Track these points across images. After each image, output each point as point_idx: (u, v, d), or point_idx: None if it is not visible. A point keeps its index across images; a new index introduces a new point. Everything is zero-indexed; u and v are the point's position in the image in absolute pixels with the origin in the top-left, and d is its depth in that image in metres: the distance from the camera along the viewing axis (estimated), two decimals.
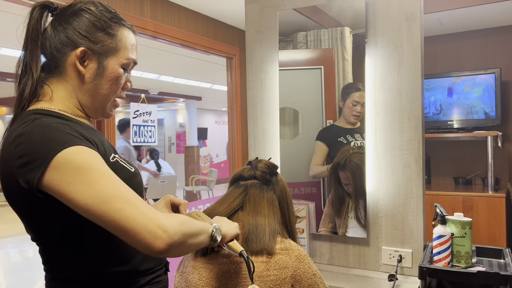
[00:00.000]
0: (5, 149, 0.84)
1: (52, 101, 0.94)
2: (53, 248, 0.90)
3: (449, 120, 3.38)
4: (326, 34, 1.97)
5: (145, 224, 0.76)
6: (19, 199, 0.85)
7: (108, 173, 0.81)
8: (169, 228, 0.78)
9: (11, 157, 0.81)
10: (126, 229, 0.76)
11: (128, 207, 0.77)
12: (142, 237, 0.75)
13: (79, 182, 0.77)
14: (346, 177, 1.90)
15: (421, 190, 1.77)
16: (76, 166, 0.78)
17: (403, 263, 1.79)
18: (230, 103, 3.62)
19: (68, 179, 0.77)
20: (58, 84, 0.96)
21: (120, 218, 0.76)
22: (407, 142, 1.78)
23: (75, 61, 0.94)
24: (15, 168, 0.81)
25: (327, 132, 1.96)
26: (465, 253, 1.57)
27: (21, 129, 0.83)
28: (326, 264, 1.97)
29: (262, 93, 2.14)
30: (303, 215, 1.93)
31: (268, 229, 1.17)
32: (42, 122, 0.84)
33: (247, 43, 2.17)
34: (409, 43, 1.77)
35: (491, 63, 3.40)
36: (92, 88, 0.97)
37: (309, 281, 1.12)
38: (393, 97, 1.81)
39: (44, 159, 0.78)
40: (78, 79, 0.96)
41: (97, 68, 0.96)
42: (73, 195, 0.77)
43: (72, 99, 0.96)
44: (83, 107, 0.98)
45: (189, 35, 2.99)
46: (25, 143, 0.80)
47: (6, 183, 0.84)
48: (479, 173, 3.44)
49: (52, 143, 0.80)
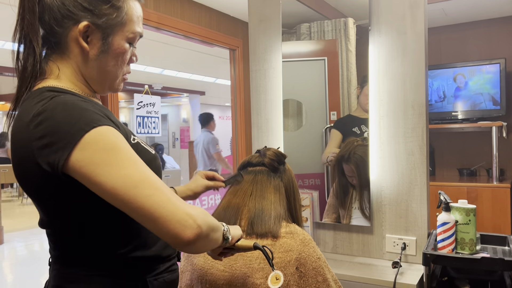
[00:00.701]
0: (21, 129, 0.78)
1: (60, 79, 0.87)
2: (69, 233, 0.84)
3: (453, 111, 3.37)
4: (330, 25, 1.97)
5: (175, 213, 0.72)
6: (37, 182, 0.78)
7: (135, 157, 0.76)
8: (197, 218, 0.74)
9: (31, 137, 0.75)
10: (155, 217, 0.71)
11: (158, 194, 0.72)
12: (172, 226, 0.71)
13: (108, 164, 0.72)
14: (350, 169, 1.90)
15: (425, 178, 1.76)
16: (104, 147, 0.73)
17: (407, 250, 1.79)
18: (233, 96, 3.62)
19: (96, 161, 0.72)
20: (62, 61, 0.88)
21: (150, 205, 0.71)
22: (411, 130, 1.78)
23: (77, 36, 0.86)
24: (36, 149, 0.75)
25: (342, 122, 1.95)
26: (469, 240, 1.57)
27: (39, 106, 0.76)
28: (330, 252, 1.98)
29: (265, 83, 2.13)
30: (307, 203, 1.93)
31: (273, 213, 1.18)
32: (65, 99, 0.78)
33: (250, 33, 2.17)
34: (413, 30, 1.77)
35: (496, 54, 3.38)
36: (97, 65, 0.90)
37: (314, 264, 1.13)
38: (396, 84, 1.81)
39: (71, 140, 0.72)
40: (81, 55, 0.88)
41: (101, 45, 0.88)
42: (100, 178, 0.72)
43: (78, 76, 0.89)
44: (90, 83, 0.92)
45: (192, 27, 2.99)
46: (48, 122, 0.74)
47: (22, 165, 0.78)
48: (484, 164, 3.43)
49: (79, 122, 0.74)
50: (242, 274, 1.12)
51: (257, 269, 1.11)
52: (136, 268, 0.86)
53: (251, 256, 1.12)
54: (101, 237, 0.84)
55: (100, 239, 0.84)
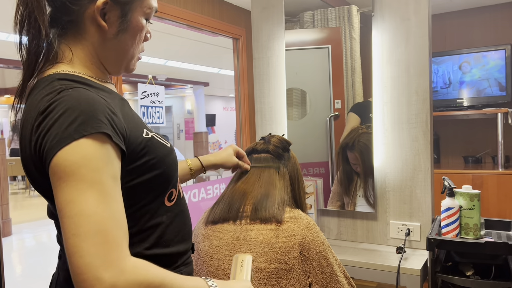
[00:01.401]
0: (27, 128, 0.74)
1: (73, 64, 0.81)
2: None
3: (458, 98, 3.35)
4: (333, 13, 1.96)
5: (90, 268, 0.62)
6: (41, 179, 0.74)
7: (98, 186, 0.67)
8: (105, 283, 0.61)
9: (32, 135, 0.72)
10: (70, 261, 0.63)
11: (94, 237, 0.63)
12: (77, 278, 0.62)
13: (66, 181, 0.66)
14: (355, 157, 1.90)
15: (429, 164, 1.76)
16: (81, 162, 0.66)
17: (411, 236, 1.80)
18: (237, 86, 3.62)
19: (63, 172, 0.66)
20: (76, 42, 0.82)
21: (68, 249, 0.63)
22: (415, 116, 1.78)
23: (95, 14, 0.79)
24: (33, 147, 0.72)
25: (360, 106, 1.93)
26: (474, 225, 1.58)
27: (45, 102, 0.72)
28: (334, 239, 1.99)
29: (268, 70, 2.13)
30: (311, 191, 1.94)
31: (278, 199, 1.19)
32: (70, 95, 0.72)
33: (253, 20, 2.16)
34: (416, 16, 1.75)
35: (501, 40, 3.35)
36: (114, 45, 0.84)
37: (318, 249, 1.13)
38: (400, 70, 1.80)
39: (56, 145, 0.67)
40: (98, 35, 0.82)
41: (120, 23, 0.82)
42: (56, 191, 0.67)
43: (93, 59, 0.83)
44: (105, 65, 0.86)
45: (195, 16, 2.98)
46: (45, 122, 0.70)
47: (27, 162, 0.75)
48: (489, 151, 3.42)
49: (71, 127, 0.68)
50: None
51: (261, 253, 1.12)
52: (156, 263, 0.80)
53: (255, 240, 1.13)
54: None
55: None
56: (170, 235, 0.85)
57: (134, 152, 0.77)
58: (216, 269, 1.17)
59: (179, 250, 0.87)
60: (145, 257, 0.76)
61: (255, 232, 1.14)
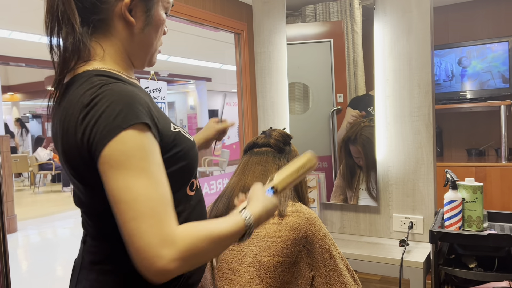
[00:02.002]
0: (71, 121, 0.77)
1: (105, 61, 0.85)
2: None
3: (461, 91, 3.33)
4: (335, 6, 1.95)
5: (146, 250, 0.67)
6: (85, 171, 0.77)
7: (152, 168, 0.73)
8: (171, 261, 0.68)
9: (78, 128, 0.75)
10: (131, 246, 0.69)
11: (140, 225, 0.68)
12: (137, 260, 0.68)
13: (119, 169, 0.71)
14: (357, 150, 1.90)
15: (431, 157, 1.76)
16: (129, 152, 0.71)
17: (414, 229, 1.80)
18: (239, 81, 3.62)
19: (113, 162, 0.71)
20: (105, 40, 0.86)
21: (129, 234, 0.69)
22: (417, 109, 1.77)
23: (122, 11, 0.84)
24: (79, 139, 0.74)
25: (359, 100, 1.94)
26: (477, 218, 1.58)
27: (88, 96, 0.75)
28: (337, 232, 2.00)
29: (270, 65, 2.13)
30: (314, 185, 1.94)
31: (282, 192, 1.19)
32: (112, 89, 0.76)
33: (254, 15, 2.15)
34: (418, 8, 1.75)
35: (504, 32, 3.32)
36: (141, 39, 0.89)
37: (320, 242, 1.14)
38: (402, 63, 1.80)
39: (106, 135, 0.71)
40: (126, 31, 0.86)
41: (145, 17, 0.87)
42: (107, 186, 0.72)
43: (122, 55, 0.88)
44: (132, 60, 0.91)
45: (196, 11, 2.98)
46: (91, 114, 0.73)
47: (70, 154, 0.78)
48: (493, 143, 3.41)
49: (118, 117, 0.72)
50: (250, 252, 1.14)
51: (264, 247, 1.12)
52: None
53: (258, 234, 1.14)
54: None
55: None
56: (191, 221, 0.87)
57: (166, 144, 0.81)
58: (220, 263, 1.18)
59: None
60: None
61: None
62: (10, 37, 5.29)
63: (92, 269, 0.86)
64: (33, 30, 5.16)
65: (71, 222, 6.10)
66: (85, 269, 0.87)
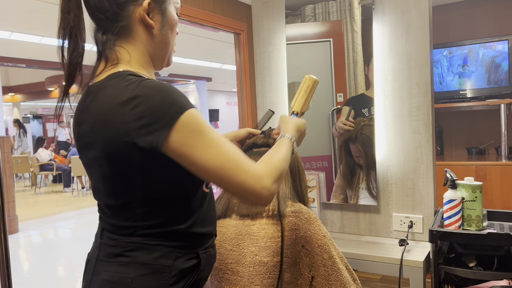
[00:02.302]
0: (112, 111, 0.83)
1: (131, 64, 0.92)
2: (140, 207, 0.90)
3: (461, 90, 3.34)
4: (335, 6, 1.95)
5: (253, 188, 0.85)
6: (127, 158, 0.84)
7: (217, 136, 0.85)
8: (273, 188, 0.88)
9: (127, 119, 0.81)
10: (241, 191, 0.85)
11: (241, 172, 0.84)
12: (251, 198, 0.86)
13: (200, 145, 0.82)
14: (357, 149, 1.91)
15: (431, 156, 1.77)
16: (195, 130, 0.82)
17: (414, 228, 1.81)
18: (239, 81, 3.62)
19: (190, 143, 0.82)
20: (129, 44, 0.93)
21: (236, 183, 0.84)
22: (416, 109, 1.78)
23: (142, 15, 0.91)
24: (133, 130, 0.81)
25: (355, 100, 1.94)
26: (476, 217, 1.58)
27: (131, 90, 0.83)
28: (338, 232, 2.00)
29: (270, 65, 2.14)
30: (314, 185, 1.95)
31: (280, 193, 1.20)
32: (154, 83, 0.84)
33: (254, 15, 2.16)
34: (416, 8, 1.75)
35: (504, 30, 3.33)
36: (160, 40, 0.96)
37: (319, 242, 1.14)
38: (401, 63, 1.80)
39: (169, 121, 0.80)
40: (146, 34, 0.94)
41: (162, 19, 0.95)
42: (194, 158, 0.82)
43: (145, 57, 0.95)
44: (154, 61, 0.98)
45: (196, 11, 2.99)
46: (145, 104, 0.80)
47: (111, 143, 0.84)
48: (493, 142, 3.41)
49: (174, 105, 0.81)
50: (250, 253, 1.15)
51: (264, 247, 1.13)
52: (191, 242, 0.94)
53: (258, 235, 1.14)
54: (168, 213, 0.91)
55: (167, 214, 0.91)
56: (205, 217, 0.97)
57: None
58: (220, 263, 1.18)
59: (210, 232, 0.99)
60: (186, 234, 0.92)
61: (257, 227, 1.15)
62: (11, 38, 5.30)
63: (110, 261, 0.90)
64: (33, 31, 5.17)
65: (72, 223, 6.12)
66: (102, 261, 0.91)
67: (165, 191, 0.89)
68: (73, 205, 7.42)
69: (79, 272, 3.91)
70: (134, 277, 0.87)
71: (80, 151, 0.94)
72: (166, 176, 0.87)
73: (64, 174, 8.91)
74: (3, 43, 5.62)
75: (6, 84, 10.70)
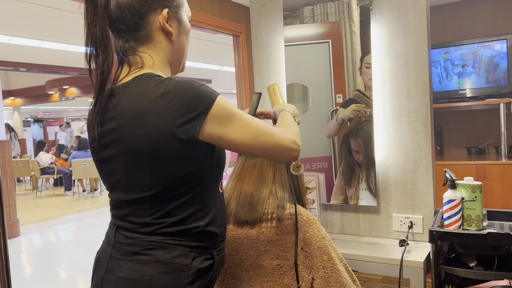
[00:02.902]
0: (147, 105, 0.88)
1: (154, 68, 0.98)
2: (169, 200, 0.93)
3: (460, 89, 3.34)
4: (333, 7, 1.96)
5: (286, 145, 0.96)
6: (163, 150, 0.89)
7: (246, 115, 0.94)
8: (298, 141, 0.99)
9: (164, 111, 0.87)
10: (276, 151, 0.95)
11: (271, 136, 0.95)
12: (286, 153, 0.96)
13: (234, 125, 0.91)
14: (358, 144, 1.90)
15: (430, 156, 1.77)
16: (228, 113, 0.91)
17: (414, 229, 1.81)
18: (238, 83, 3.63)
19: (226, 124, 0.90)
20: (151, 50, 0.99)
21: (270, 145, 0.94)
22: (415, 109, 1.78)
23: (161, 23, 0.98)
24: (170, 121, 0.87)
25: (352, 102, 1.94)
26: (476, 217, 1.58)
27: (164, 86, 0.89)
28: (338, 233, 2.00)
29: (268, 67, 2.14)
30: (313, 186, 1.95)
31: (278, 196, 1.19)
32: (184, 79, 0.90)
33: (252, 17, 2.16)
34: (414, 8, 1.75)
35: (503, 29, 3.33)
36: (178, 46, 1.03)
37: (319, 244, 1.15)
38: (399, 64, 1.80)
39: (205, 109, 0.88)
40: (166, 41, 1.00)
41: (179, 26, 1.02)
42: (232, 136, 0.91)
43: (165, 63, 1.01)
44: (172, 66, 1.04)
45: (194, 14, 2.99)
46: (181, 97, 0.87)
47: (146, 136, 0.88)
48: (493, 141, 3.41)
49: (206, 95, 0.89)
50: (249, 257, 1.15)
51: (263, 251, 1.13)
52: (208, 242, 0.98)
53: (257, 238, 1.14)
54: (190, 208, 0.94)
55: (189, 209, 0.94)
56: (219, 217, 1.02)
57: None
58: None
59: (222, 233, 1.03)
60: (203, 232, 0.96)
61: (256, 230, 1.15)
62: (10, 42, 5.31)
63: (127, 260, 0.92)
64: (33, 36, 5.18)
65: (73, 226, 6.12)
66: (117, 260, 0.94)
67: (188, 184, 0.93)
68: (74, 209, 7.42)
69: (81, 275, 3.91)
70: (154, 275, 0.90)
71: (99, 151, 0.96)
72: (190, 168, 0.92)
73: (65, 178, 8.91)
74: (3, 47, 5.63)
75: (6, 88, 10.72)
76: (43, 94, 10.49)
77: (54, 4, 0.96)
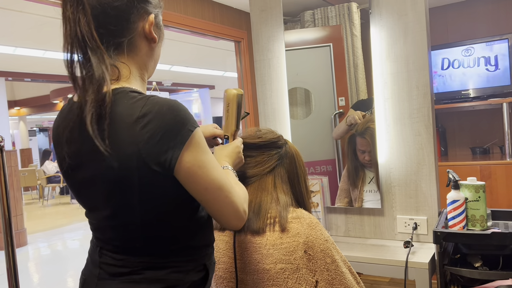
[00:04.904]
0: (123, 130, 0.78)
1: (130, 81, 0.88)
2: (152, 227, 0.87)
3: (463, 90, 3.34)
4: (333, 11, 1.97)
5: (239, 211, 0.89)
6: (139, 179, 0.79)
7: (214, 158, 0.87)
8: (246, 210, 0.93)
9: (138, 139, 0.77)
10: (228, 212, 0.88)
11: (233, 195, 0.88)
12: (234, 219, 0.90)
13: (207, 165, 0.83)
14: (365, 142, 1.90)
15: (433, 157, 1.77)
16: (203, 150, 0.83)
17: (419, 230, 1.81)
18: (241, 88, 3.65)
19: (199, 163, 0.81)
20: (130, 60, 0.89)
21: (227, 203, 0.87)
22: (417, 111, 1.78)
23: (147, 29, 0.90)
24: (143, 150, 0.77)
25: (362, 103, 1.95)
26: (480, 217, 1.58)
27: (139, 107, 0.78)
28: (343, 236, 2.00)
29: (270, 72, 2.15)
30: (317, 189, 1.95)
31: (281, 202, 1.20)
32: (164, 100, 0.80)
33: (253, 23, 2.18)
34: (413, 11, 1.76)
35: (504, 29, 3.33)
36: (156, 53, 0.96)
37: (322, 247, 1.15)
38: (400, 66, 1.81)
39: (182, 140, 0.79)
40: (148, 48, 0.92)
41: (159, 32, 0.95)
42: (199, 179, 0.82)
43: (142, 71, 0.92)
44: (148, 73, 0.96)
45: (196, 21, 3.02)
46: (156, 123, 0.77)
47: (123, 163, 0.78)
48: (497, 141, 3.40)
49: (185, 123, 0.80)
50: (253, 260, 1.15)
51: (266, 254, 1.14)
52: (201, 254, 0.95)
53: (260, 242, 1.15)
54: (179, 231, 0.90)
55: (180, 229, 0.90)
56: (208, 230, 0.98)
57: None
58: (224, 272, 1.19)
59: (212, 241, 1.01)
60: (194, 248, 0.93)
61: (260, 235, 1.16)
62: (15, 53, 5.36)
63: (115, 280, 0.87)
64: (37, 46, 5.23)
65: (80, 234, 6.14)
66: (107, 280, 0.88)
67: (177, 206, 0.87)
68: (81, 216, 7.45)
69: None
70: None
71: (71, 171, 0.87)
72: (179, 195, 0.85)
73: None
74: (8, 58, 5.69)
75: (11, 98, 10.80)
76: (48, 103, 10.57)
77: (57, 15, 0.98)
